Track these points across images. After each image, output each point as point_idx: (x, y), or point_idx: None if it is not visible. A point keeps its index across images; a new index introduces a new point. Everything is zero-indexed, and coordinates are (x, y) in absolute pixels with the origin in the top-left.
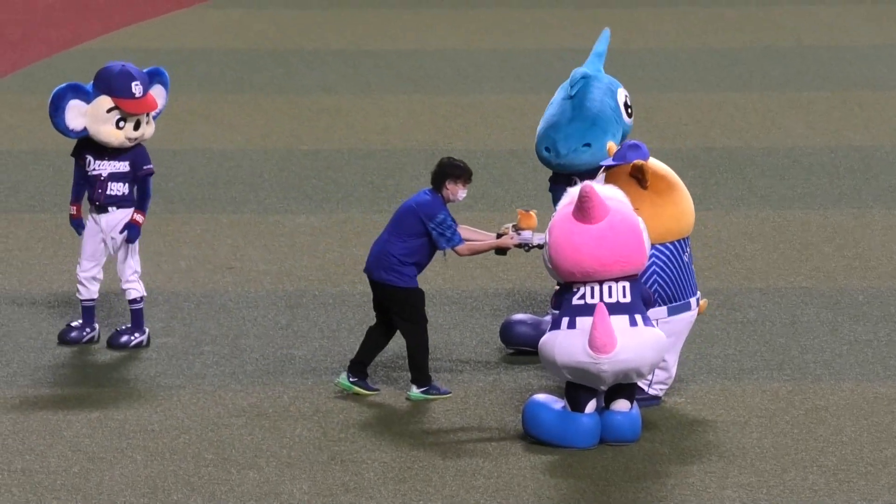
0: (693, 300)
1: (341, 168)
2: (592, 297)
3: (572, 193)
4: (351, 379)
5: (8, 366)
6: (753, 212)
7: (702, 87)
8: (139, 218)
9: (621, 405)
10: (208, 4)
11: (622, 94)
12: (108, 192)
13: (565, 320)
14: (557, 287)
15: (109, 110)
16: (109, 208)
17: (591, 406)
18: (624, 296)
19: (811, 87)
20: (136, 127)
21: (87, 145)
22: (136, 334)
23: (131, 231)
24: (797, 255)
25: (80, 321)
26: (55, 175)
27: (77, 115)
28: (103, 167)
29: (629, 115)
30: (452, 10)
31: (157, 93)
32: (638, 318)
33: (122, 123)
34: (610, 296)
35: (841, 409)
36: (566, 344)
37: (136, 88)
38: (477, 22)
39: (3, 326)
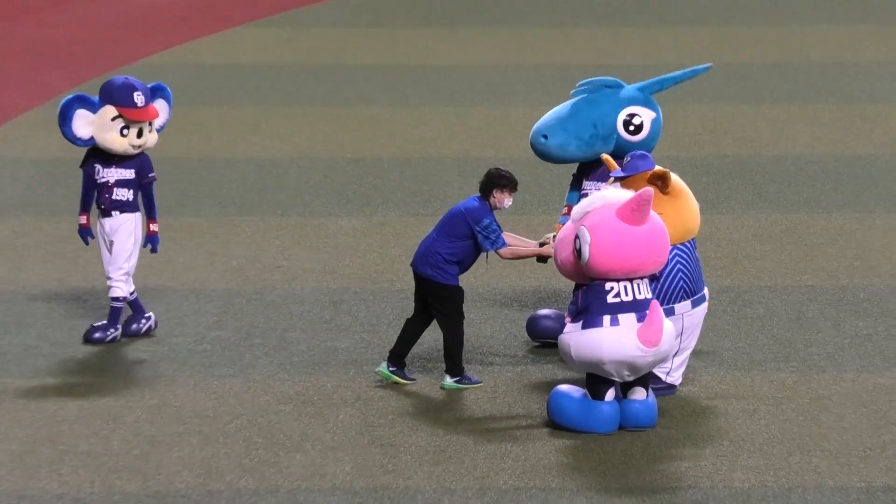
0: (706, 291)
1: (381, 175)
2: (627, 294)
3: (605, 199)
4: (390, 368)
5: (74, 357)
6: (763, 215)
7: (715, 99)
8: (155, 227)
9: (639, 394)
10: (258, 23)
11: (627, 113)
12: (113, 198)
13: (606, 318)
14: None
15: (114, 118)
16: (113, 212)
17: (610, 395)
18: (647, 292)
19: (817, 100)
20: (139, 135)
21: (96, 155)
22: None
23: (154, 243)
24: (803, 255)
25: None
26: None
27: (84, 123)
28: (110, 174)
29: (631, 133)
30: (484, 28)
31: (161, 106)
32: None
33: (125, 131)
34: (639, 293)
35: (843, 398)
36: (614, 340)
37: (138, 98)
38: (507, 40)
39: (70, 320)
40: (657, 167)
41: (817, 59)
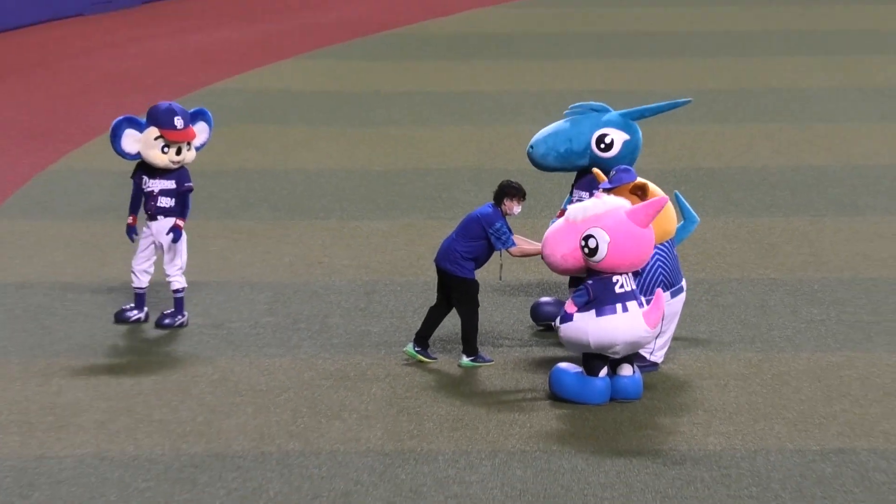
0: (683, 283)
1: (407, 184)
2: (627, 285)
3: (606, 203)
4: (416, 349)
5: (148, 339)
6: (731, 219)
7: (691, 120)
8: (181, 223)
9: (626, 370)
10: (306, 55)
11: (600, 132)
12: (157, 205)
13: (618, 306)
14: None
15: (156, 138)
16: (158, 217)
17: (603, 371)
18: (633, 283)
19: (777, 120)
20: (178, 153)
21: (143, 168)
22: (178, 317)
23: (175, 233)
24: (765, 252)
25: (132, 304)
26: None
27: (132, 141)
28: (154, 184)
29: (602, 150)
30: (494, 61)
31: (201, 128)
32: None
33: (166, 149)
34: (633, 284)
35: (800, 374)
36: (628, 325)
37: (178, 122)
38: (513, 70)
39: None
40: (638, 179)
41: (776, 86)
